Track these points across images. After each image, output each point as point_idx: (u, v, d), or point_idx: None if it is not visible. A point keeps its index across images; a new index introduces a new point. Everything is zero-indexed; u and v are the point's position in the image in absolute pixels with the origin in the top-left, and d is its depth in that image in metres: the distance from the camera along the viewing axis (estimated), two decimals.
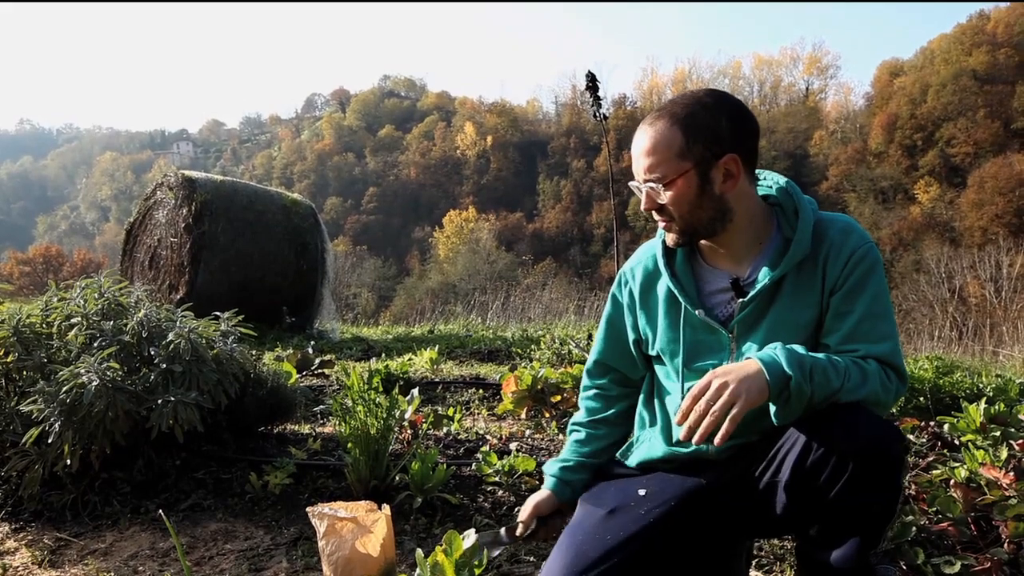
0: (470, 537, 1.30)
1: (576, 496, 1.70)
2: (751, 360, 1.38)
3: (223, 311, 2.92)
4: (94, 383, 2.26)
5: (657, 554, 1.50)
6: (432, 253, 59.92)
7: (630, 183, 1.57)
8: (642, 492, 1.60)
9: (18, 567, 2.12)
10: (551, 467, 1.74)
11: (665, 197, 1.51)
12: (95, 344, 2.49)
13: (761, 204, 1.58)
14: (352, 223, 70.63)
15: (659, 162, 1.49)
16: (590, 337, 5.76)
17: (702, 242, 1.62)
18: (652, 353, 1.70)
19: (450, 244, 56.68)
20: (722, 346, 1.56)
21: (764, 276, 1.51)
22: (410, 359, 5.49)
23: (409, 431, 3.06)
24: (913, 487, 2.41)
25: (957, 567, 1.84)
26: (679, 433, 1.40)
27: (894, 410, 3.50)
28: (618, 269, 1.85)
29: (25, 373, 2.52)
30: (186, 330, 2.57)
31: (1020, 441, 2.45)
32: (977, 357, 6.82)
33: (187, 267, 7.69)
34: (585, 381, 1.89)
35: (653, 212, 1.56)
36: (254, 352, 3.13)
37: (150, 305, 2.76)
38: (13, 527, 2.39)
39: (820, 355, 1.42)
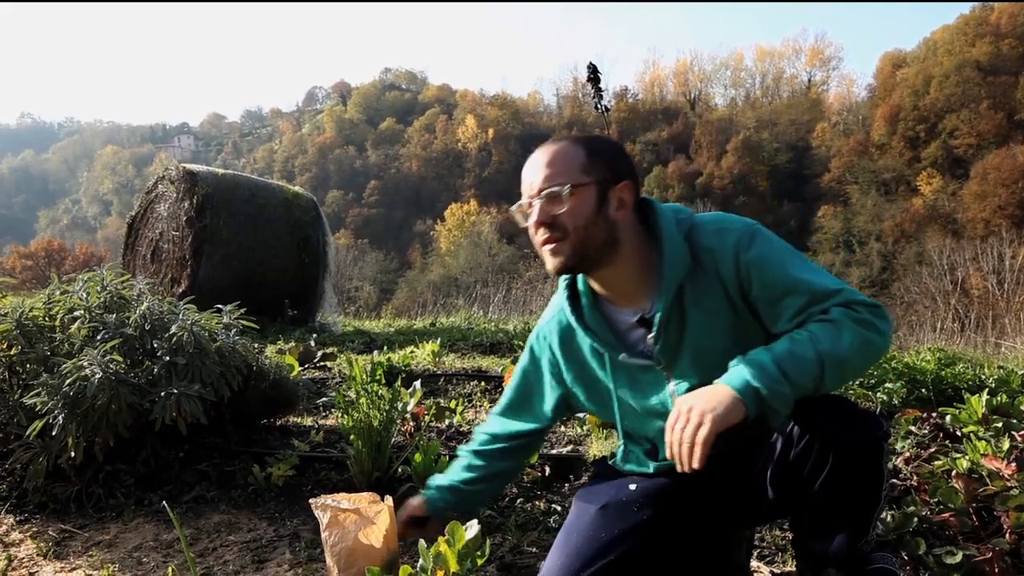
0: (472, 528, 1.30)
1: (443, 515, 1.77)
2: (719, 384, 1.38)
3: (225, 304, 2.93)
4: (97, 376, 2.26)
5: (653, 548, 1.51)
6: (434, 246, 59.92)
7: (512, 208, 1.54)
8: (633, 487, 1.61)
9: (23, 558, 2.13)
10: (433, 479, 1.86)
11: (564, 206, 1.46)
12: (98, 337, 2.49)
13: (645, 236, 1.55)
14: (354, 216, 70.59)
15: (561, 171, 1.47)
16: None
17: (600, 287, 1.58)
18: (590, 407, 1.71)
19: (452, 237, 56.69)
20: (658, 380, 1.56)
21: (657, 308, 1.50)
22: (412, 352, 5.50)
23: (411, 423, 3.07)
24: (915, 478, 2.42)
25: (959, 557, 1.84)
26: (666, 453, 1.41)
27: (896, 401, 3.50)
28: None
29: (28, 366, 2.53)
30: (189, 323, 2.57)
31: (1022, 432, 2.45)
32: (979, 349, 6.82)
33: (189, 260, 7.70)
34: (485, 424, 1.88)
35: (541, 230, 1.48)
36: (256, 345, 3.14)
37: (152, 298, 2.76)
38: (18, 519, 2.40)
39: (781, 342, 1.39)
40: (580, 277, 1.61)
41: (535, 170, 1.50)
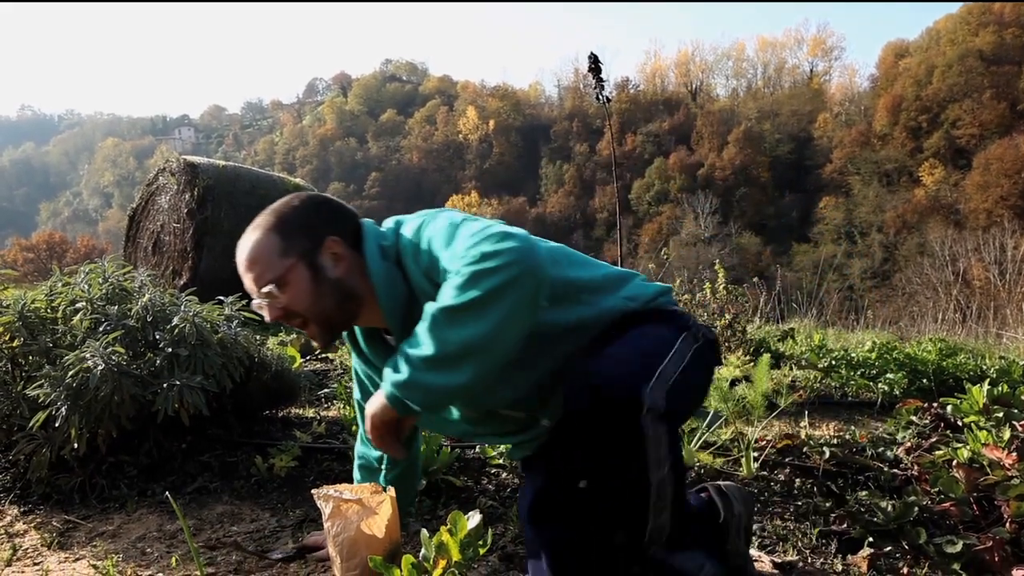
0: (474, 517, 1.31)
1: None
2: (379, 392, 1.43)
3: (227, 296, 2.93)
4: (99, 367, 2.27)
5: None
6: None
7: (252, 303, 1.55)
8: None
9: (28, 548, 2.14)
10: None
11: (284, 299, 1.47)
12: (100, 329, 2.50)
13: (389, 270, 1.50)
14: (355, 208, 70.24)
15: (265, 268, 1.47)
16: None
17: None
18: None
19: None
20: None
21: (397, 340, 1.51)
22: None
23: None
24: (916, 468, 2.42)
25: (959, 546, 1.85)
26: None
27: (897, 391, 3.51)
28: (620, 253, 1.85)
29: (31, 358, 2.53)
30: (191, 314, 2.57)
31: (1023, 422, 2.45)
32: (981, 339, 6.81)
33: (190, 252, 7.70)
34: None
35: (285, 321, 1.51)
36: (258, 337, 3.14)
37: (154, 290, 2.76)
38: (22, 510, 2.41)
39: (411, 338, 1.35)
40: None
41: (243, 273, 1.51)
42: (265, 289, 1.46)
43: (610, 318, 1.50)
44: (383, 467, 1.93)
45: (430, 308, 1.31)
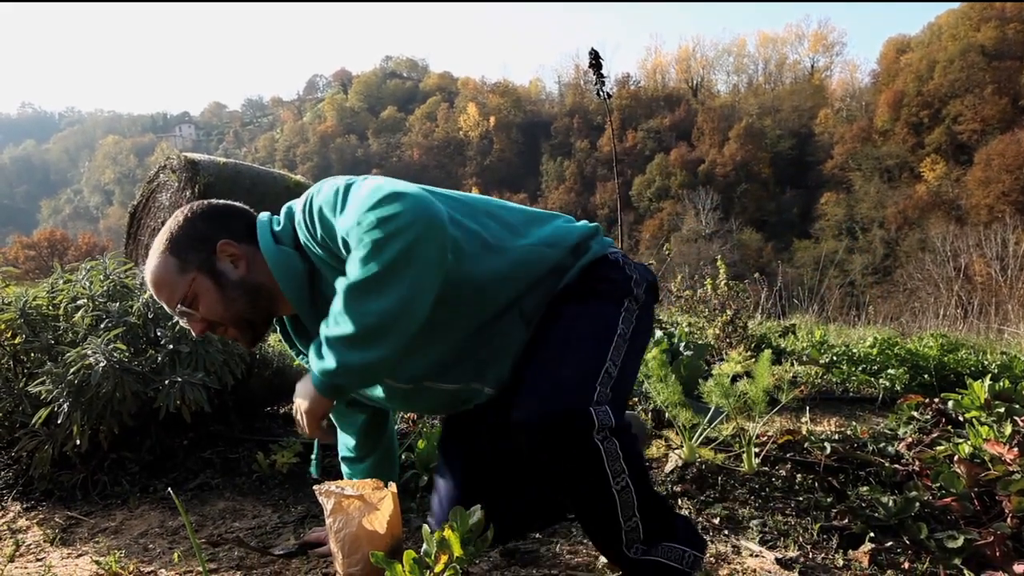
0: (476, 513, 1.31)
1: None
2: (309, 375, 1.45)
3: None
4: (101, 364, 2.27)
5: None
6: None
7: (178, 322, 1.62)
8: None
9: (31, 544, 2.15)
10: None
11: (198, 311, 1.50)
12: (101, 325, 2.50)
13: (281, 251, 1.49)
14: None
15: (171, 290, 1.50)
16: None
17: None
18: None
19: None
20: None
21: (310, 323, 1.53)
22: None
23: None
24: (917, 463, 2.43)
25: (960, 541, 1.85)
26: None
27: (898, 387, 3.51)
28: (622, 249, 1.84)
29: (33, 355, 2.53)
30: None
31: None
32: (982, 335, 6.81)
33: None
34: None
35: (211, 332, 1.54)
36: None
37: None
38: (25, 506, 2.42)
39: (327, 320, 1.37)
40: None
41: (157, 295, 1.54)
42: (180, 308, 1.50)
43: (531, 273, 1.49)
44: (359, 454, 1.97)
45: (340, 285, 1.30)
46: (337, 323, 1.31)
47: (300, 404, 1.48)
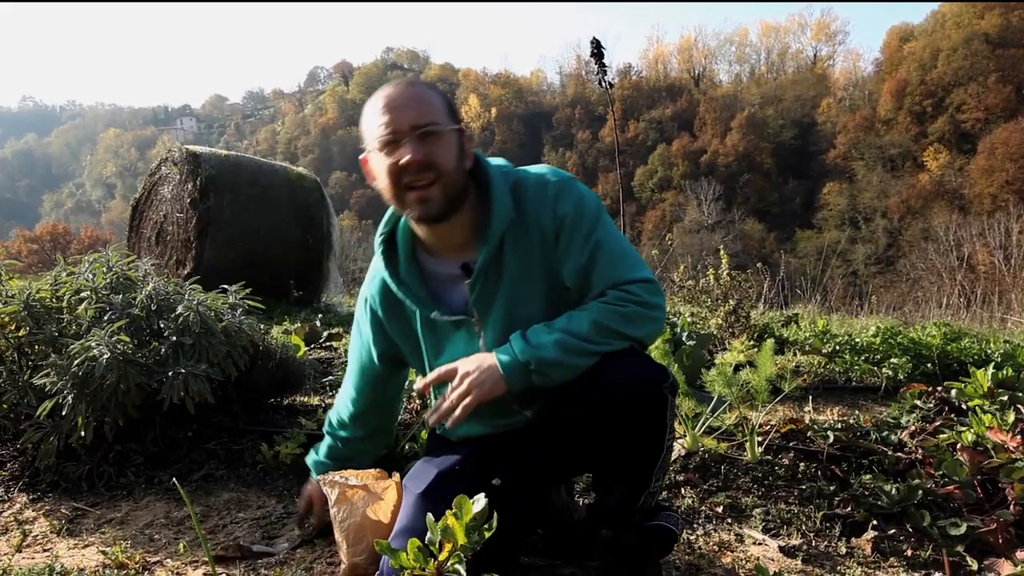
0: (480, 501, 1.31)
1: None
2: (492, 355, 1.47)
3: (230, 285, 2.93)
4: (105, 356, 2.28)
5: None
6: None
7: (373, 144, 1.47)
8: (452, 463, 1.66)
9: (37, 535, 2.16)
10: (312, 456, 1.94)
11: (438, 146, 1.45)
12: (105, 318, 2.50)
13: (475, 188, 1.56)
14: (358, 197, 70.37)
15: (434, 113, 1.47)
16: None
17: (426, 238, 1.58)
18: (413, 363, 1.74)
19: None
20: (470, 335, 1.58)
21: (480, 254, 1.51)
22: None
23: (418, 401, 3.08)
24: (920, 451, 2.43)
25: (963, 529, 1.85)
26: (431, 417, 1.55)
27: (902, 375, 3.51)
28: None
29: (37, 347, 2.54)
30: (195, 303, 2.58)
31: None
32: (985, 324, 6.80)
33: (193, 242, 7.71)
34: (334, 427, 1.94)
35: (410, 171, 1.44)
36: (262, 326, 3.15)
37: (158, 278, 2.77)
38: (31, 497, 2.43)
39: (562, 319, 1.47)
40: (401, 230, 1.61)
41: (404, 107, 1.45)
42: (428, 128, 1.44)
43: None
44: (353, 430, 1.92)
45: (599, 312, 1.46)
46: (586, 331, 1.44)
47: (472, 378, 1.47)
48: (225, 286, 2.89)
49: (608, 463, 1.54)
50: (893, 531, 1.93)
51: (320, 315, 6.97)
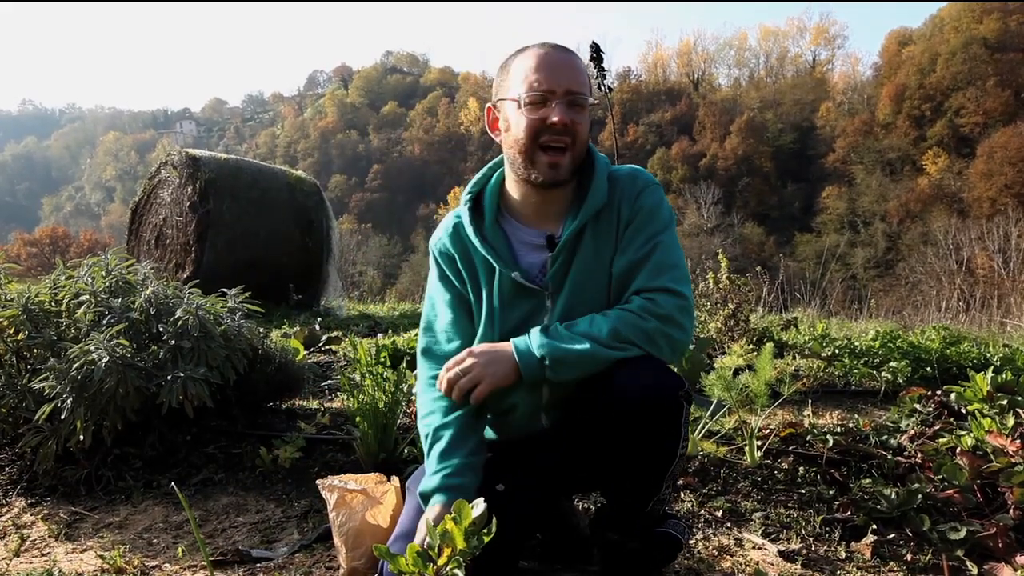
0: (479, 506, 1.31)
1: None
2: (508, 344, 1.49)
3: (229, 288, 2.93)
4: (104, 360, 2.27)
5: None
6: None
7: (526, 93, 1.47)
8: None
9: (35, 540, 2.15)
10: (433, 482, 1.51)
11: (581, 117, 1.51)
12: (104, 321, 2.50)
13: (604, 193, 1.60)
14: (357, 201, 70.46)
15: (585, 84, 1.53)
16: None
17: (519, 203, 1.62)
18: (476, 320, 1.66)
19: None
20: (541, 306, 1.58)
21: (567, 228, 1.55)
22: (417, 335, 5.50)
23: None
24: (919, 455, 2.42)
25: (963, 533, 1.85)
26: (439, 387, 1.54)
27: (901, 379, 3.50)
28: None
29: (36, 351, 2.54)
30: (194, 306, 2.58)
31: None
32: (984, 328, 6.79)
33: (193, 246, 7.71)
34: (428, 372, 1.66)
35: (553, 131, 1.48)
36: (261, 329, 3.15)
37: (157, 282, 2.77)
38: (29, 501, 2.43)
39: (582, 322, 1.48)
40: (489, 191, 1.64)
41: (561, 70, 1.49)
42: (580, 97, 1.49)
43: None
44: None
45: (620, 320, 1.46)
46: (606, 334, 1.44)
47: (484, 366, 1.47)
48: (224, 290, 2.89)
49: (620, 469, 1.53)
50: (893, 535, 1.93)
51: (319, 318, 6.97)
